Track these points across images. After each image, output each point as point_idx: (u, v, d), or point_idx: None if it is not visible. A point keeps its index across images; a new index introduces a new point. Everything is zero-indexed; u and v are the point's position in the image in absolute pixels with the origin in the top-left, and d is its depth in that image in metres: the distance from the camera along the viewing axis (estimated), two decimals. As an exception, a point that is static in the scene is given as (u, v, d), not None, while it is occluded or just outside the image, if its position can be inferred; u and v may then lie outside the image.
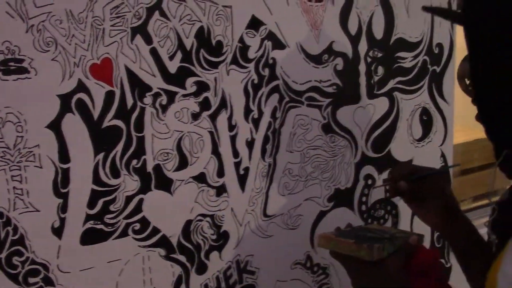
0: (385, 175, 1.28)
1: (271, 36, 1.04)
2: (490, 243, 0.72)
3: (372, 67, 1.20)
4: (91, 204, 0.88)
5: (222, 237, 1.04)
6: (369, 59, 1.20)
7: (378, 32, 1.20)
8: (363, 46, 1.18)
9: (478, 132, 0.77)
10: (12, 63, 0.78)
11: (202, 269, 1.02)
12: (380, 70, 1.22)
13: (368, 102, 1.21)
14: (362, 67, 1.19)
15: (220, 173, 1.01)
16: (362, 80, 1.19)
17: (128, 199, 0.91)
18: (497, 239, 0.69)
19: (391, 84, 1.25)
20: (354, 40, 1.17)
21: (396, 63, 1.25)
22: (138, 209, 0.93)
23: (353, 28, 1.16)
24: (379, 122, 1.25)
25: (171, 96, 0.93)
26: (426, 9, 0.88)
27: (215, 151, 1.00)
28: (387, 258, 0.76)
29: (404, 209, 1.33)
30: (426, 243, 1.38)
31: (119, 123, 0.89)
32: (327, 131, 1.16)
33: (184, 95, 0.95)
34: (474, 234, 0.90)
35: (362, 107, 1.21)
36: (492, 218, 0.71)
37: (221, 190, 1.02)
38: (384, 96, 1.24)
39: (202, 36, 0.95)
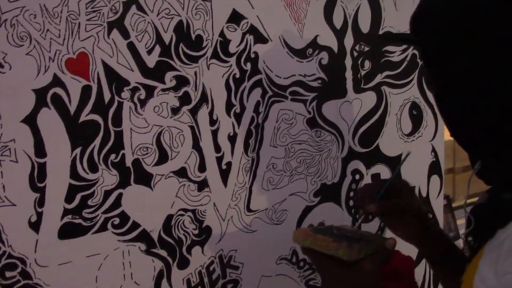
0: (373, 170, 1.28)
1: (253, 30, 1.04)
2: (465, 248, 0.71)
3: (358, 61, 1.19)
4: (68, 198, 0.88)
5: (205, 232, 1.04)
6: (355, 53, 1.19)
7: (365, 25, 1.19)
8: (349, 40, 1.17)
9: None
10: (-15, 58, 0.78)
11: (184, 264, 1.02)
12: (367, 64, 1.21)
13: (354, 96, 1.21)
14: (348, 61, 1.18)
15: (202, 167, 1.01)
16: (348, 74, 1.19)
17: (107, 193, 0.91)
18: (474, 242, 0.67)
19: (378, 78, 1.24)
20: (340, 34, 1.16)
21: (384, 57, 1.24)
22: (117, 203, 0.93)
23: (338, 22, 1.15)
24: (367, 116, 1.24)
25: (150, 91, 0.93)
26: (381, 37, 0.91)
27: (196, 146, 1.00)
28: (364, 260, 0.73)
29: (393, 204, 1.32)
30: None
31: (96, 117, 0.89)
32: (312, 126, 1.15)
33: (164, 90, 0.95)
34: (448, 242, 0.90)
35: (349, 101, 1.20)
36: (469, 230, 0.69)
37: (202, 185, 1.02)
38: (372, 90, 1.23)
39: (181, 30, 0.95)
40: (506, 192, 0.62)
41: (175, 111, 0.96)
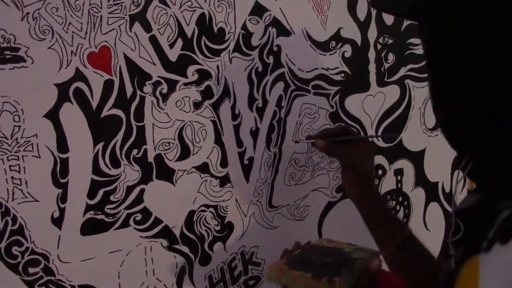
0: (396, 165, 1.25)
1: (275, 22, 1.01)
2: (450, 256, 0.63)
3: (382, 54, 1.17)
4: (91, 194, 0.87)
5: (226, 228, 1.03)
6: (379, 46, 1.16)
7: (389, 17, 1.16)
8: (372, 33, 1.15)
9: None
10: (8, 52, 0.77)
11: (206, 260, 1.01)
12: (391, 57, 1.19)
13: (378, 90, 1.18)
14: (372, 54, 1.16)
15: (224, 163, 1.00)
16: (372, 67, 1.16)
17: (129, 189, 0.90)
18: (459, 252, 0.59)
19: (402, 71, 1.21)
20: (363, 26, 1.13)
21: (408, 49, 1.21)
22: (139, 199, 0.92)
23: (361, 14, 1.12)
24: (390, 110, 1.21)
25: (172, 85, 0.92)
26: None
27: (218, 141, 0.98)
28: None
29: (417, 200, 1.30)
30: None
31: (118, 112, 0.87)
32: (335, 120, 1.13)
33: (186, 84, 0.93)
34: (385, 209, 0.98)
35: (372, 95, 1.17)
36: (459, 237, 0.60)
37: (224, 181, 1.01)
38: (395, 84, 1.21)
39: (204, 23, 0.93)
40: (498, 199, 0.53)
41: (197, 105, 0.95)
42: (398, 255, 0.90)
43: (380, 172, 1.23)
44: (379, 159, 1.22)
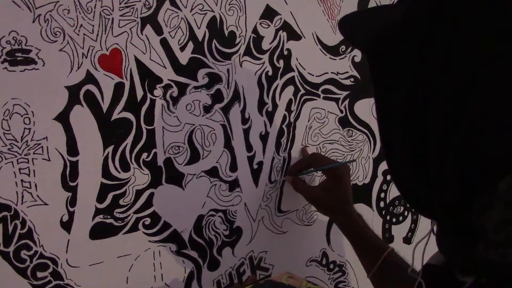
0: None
1: (286, 26, 1.01)
2: None
3: (391, 58, 1.16)
4: (100, 198, 0.86)
5: (235, 233, 1.02)
6: (388, 51, 1.15)
7: (398, 22, 1.16)
8: (382, 37, 1.14)
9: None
10: (19, 54, 0.76)
11: (214, 265, 1.00)
12: (400, 61, 1.18)
13: (387, 95, 1.17)
14: (381, 59, 1.15)
15: (233, 167, 0.99)
16: (381, 72, 1.15)
17: (138, 193, 0.89)
18: None
19: (411, 76, 1.20)
20: (373, 31, 1.13)
21: (417, 54, 1.20)
22: (148, 203, 0.91)
23: (372, 18, 1.12)
24: (399, 115, 1.21)
25: (182, 88, 0.91)
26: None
27: (228, 145, 0.98)
28: None
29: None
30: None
31: (128, 115, 0.87)
32: (344, 125, 1.13)
33: (196, 87, 0.93)
34: (365, 234, 0.98)
35: (381, 100, 1.16)
36: None
37: (234, 185, 1.00)
38: (404, 88, 1.20)
39: (215, 26, 0.93)
40: (461, 273, 0.49)
41: (207, 109, 0.94)
42: (381, 276, 0.90)
43: (389, 177, 1.22)
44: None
